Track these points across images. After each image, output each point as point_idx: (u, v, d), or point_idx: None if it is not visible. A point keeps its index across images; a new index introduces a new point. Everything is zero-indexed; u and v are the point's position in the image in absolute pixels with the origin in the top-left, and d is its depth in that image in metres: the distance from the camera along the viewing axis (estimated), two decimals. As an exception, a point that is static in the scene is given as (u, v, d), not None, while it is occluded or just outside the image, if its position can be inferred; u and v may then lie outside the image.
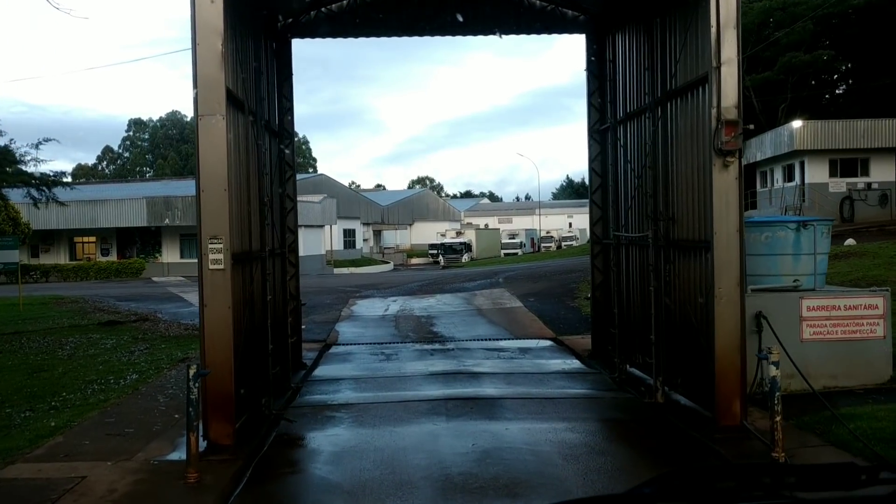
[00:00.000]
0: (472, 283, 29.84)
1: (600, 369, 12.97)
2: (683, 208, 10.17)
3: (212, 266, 8.25)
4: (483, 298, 24.12)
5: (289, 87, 13.79)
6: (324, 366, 14.03)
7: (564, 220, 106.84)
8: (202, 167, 8.26)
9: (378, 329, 18.81)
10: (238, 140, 9.73)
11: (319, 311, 22.54)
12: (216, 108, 8.24)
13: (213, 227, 8.25)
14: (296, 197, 13.89)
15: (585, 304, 21.29)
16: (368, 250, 77.51)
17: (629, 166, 12.08)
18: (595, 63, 14.01)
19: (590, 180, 14.26)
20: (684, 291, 10.08)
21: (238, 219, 9.57)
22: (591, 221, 14.24)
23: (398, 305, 23.43)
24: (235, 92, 9.46)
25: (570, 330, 17.72)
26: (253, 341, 9.96)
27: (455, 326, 18.71)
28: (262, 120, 10.64)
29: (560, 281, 27.11)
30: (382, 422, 9.49)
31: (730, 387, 8.63)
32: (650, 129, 10.79)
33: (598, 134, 14.10)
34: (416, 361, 13.99)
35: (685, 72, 9.91)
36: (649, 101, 10.82)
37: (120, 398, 11.79)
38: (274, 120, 12.71)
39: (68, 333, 19.49)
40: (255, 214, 10.33)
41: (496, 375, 12.32)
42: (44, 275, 48.04)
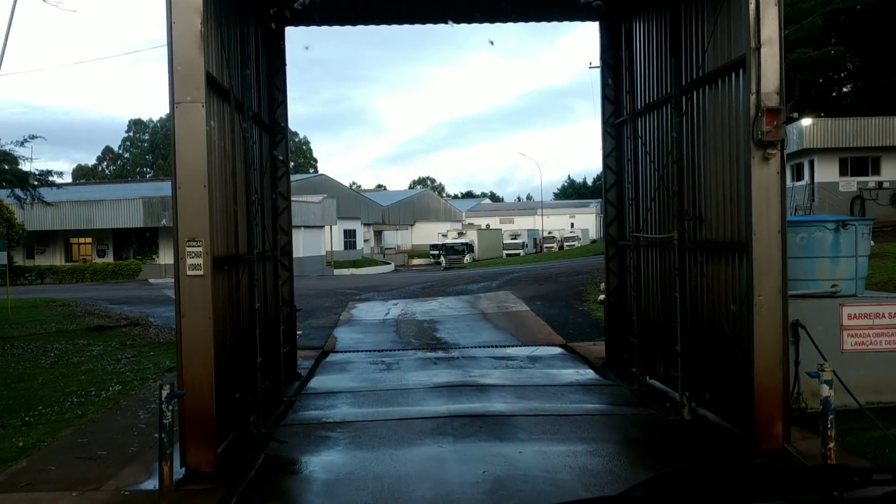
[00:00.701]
0: (476, 285, 28.93)
1: (617, 381, 12.06)
2: (713, 207, 9.27)
3: (190, 272, 7.34)
4: (487, 302, 23.21)
5: (282, 79, 12.88)
6: (320, 376, 13.13)
7: (566, 220, 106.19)
8: (179, 161, 7.35)
9: (378, 335, 17.91)
10: (222, 131, 8.82)
11: (317, 315, 21.64)
12: (194, 93, 7.33)
13: (191, 228, 7.35)
14: (290, 196, 12.97)
15: (595, 308, 20.39)
16: (369, 251, 76.62)
17: (649, 162, 11.17)
18: (609, 52, 13.10)
19: (604, 177, 13.34)
20: (714, 298, 9.17)
21: (222, 219, 8.67)
22: (606, 221, 13.33)
23: (399, 309, 22.53)
24: (218, 78, 8.55)
25: (581, 336, 16.80)
26: (239, 354, 9.05)
27: (459, 332, 17.80)
28: (250, 111, 9.73)
29: (566, 283, 26.21)
30: (382, 443, 8.57)
31: (770, 406, 7.71)
32: (674, 121, 9.88)
33: (612, 128, 13.18)
34: (418, 371, 13.08)
35: (715, 57, 9.00)
36: (673, 90, 9.91)
37: (98, 413, 10.90)
38: (265, 112, 11.80)
39: (55, 339, 18.65)
40: (242, 214, 9.43)
41: (505, 388, 11.40)
42: (39, 276, 47.19)
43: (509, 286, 27.13)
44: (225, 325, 8.42)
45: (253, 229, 9.42)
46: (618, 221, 13.24)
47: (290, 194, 13.02)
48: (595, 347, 15.17)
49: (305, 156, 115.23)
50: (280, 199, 12.83)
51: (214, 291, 7.83)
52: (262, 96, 11.58)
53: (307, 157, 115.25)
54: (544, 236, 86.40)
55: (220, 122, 8.79)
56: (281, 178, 12.87)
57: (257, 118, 11.13)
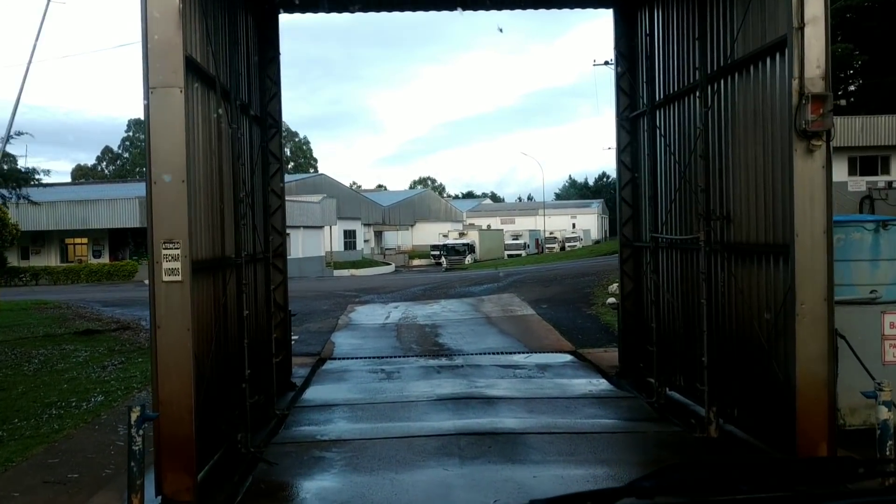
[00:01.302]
0: (479, 287, 28.12)
1: (634, 392, 11.26)
2: (743, 205, 8.47)
3: (166, 277, 6.55)
4: (491, 305, 22.41)
5: (275, 70, 12.08)
6: (316, 386, 12.33)
7: (568, 220, 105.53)
8: (153, 152, 6.56)
9: (378, 340, 17.11)
10: (207, 122, 8.03)
11: (315, 319, 20.84)
12: (171, 76, 6.54)
13: (167, 229, 6.56)
14: (283, 194, 12.18)
15: (604, 312, 19.59)
16: (369, 251, 75.79)
17: (671, 157, 10.37)
18: (624, 41, 12.30)
19: (618, 174, 12.54)
20: (745, 305, 8.38)
21: (206, 218, 7.88)
22: (621, 221, 12.53)
23: (400, 312, 21.72)
24: (202, 63, 7.76)
25: (591, 342, 16.00)
26: (226, 366, 8.26)
27: (462, 337, 16.99)
28: (238, 100, 8.92)
29: (572, 285, 25.40)
30: (382, 465, 7.77)
31: (815, 428, 6.92)
32: (700, 112, 9.08)
33: (627, 122, 12.38)
34: (420, 381, 12.28)
35: (746, 41, 8.20)
36: (699, 79, 9.11)
37: (76, 428, 10.13)
38: (256, 104, 11.00)
39: (40, 344, 17.89)
40: (229, 213, 8.63)
41: (514, 401, 10.60)
42: (33, 277, 46.41)
43: (513, 288, 26.33)
44: (208, 336, 7.63)
45: (241, 229, 8.62)
46: (633, 221, 12.44)
47: (283, 192, 12.23)
48: (607, 354, 14.38)
49: (306, 155, 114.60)
50: (273, 198, 12.04)
51: (195, 299, 7.05)
52: (252, 87, 10.79)
53: (307, 156, 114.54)
54: (546, 237, 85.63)
55: (203, 112, 8.00)
56: (274, 175, 12.07)
57: (247, 110, 10.34)
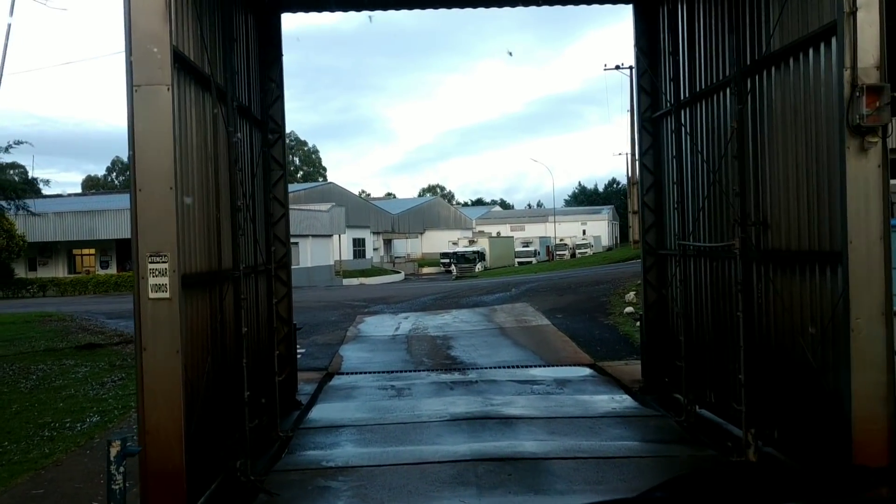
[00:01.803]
0: (490, 296, 27.44)
1: (660, 410, 10.56)
2: (783, 209, 7.78)
3: (153, 294, 5.93)
4: (504, 314, 21.72)
5: (278, 71, 11.49)
6: (322, 404, 11.68)
7: (578, 227, 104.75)
8: (138, 157, 5.95)
9: (388, 353, 16.46)
10: (201, 124, 7.43)
11: (323, 331, 20.23)
12: (157, 74, 5.94)
13: (153, 240, 5.94)
14: (287, 202, 11.57)
15: (622, 322, 18.88)
16: (379, 260, 75.25)
17: (700, 158, 9.70)
18: (645, 38, 11.65)
19: (640, 179, 11.87)
20: (786, 318, 7.68)
21: (200, 228, 7.26)
22: (643, 228, 11.84)
23: (410, 323, 21.07)
24: (195, 62, 7.16)
25: (610, 354, 15.29)
26: (223, 388, 7.63)
27: (476, 349, 16.32)
28: (236, 102, 8.32)
29: (587, 294, 24.69)
30: (392, 497, 7.11)
31: (873, 452, 6.20)
32: (733, 109, 8.40)
33: (649, 123, 11.71)
34: (432, 398, 11.62)
35: (786, 30, 7.54)
36: (732, 73, 8.43)
37: (67, 453, 9.53)
38: (257, 107, 10.41)
39: (41, 359, 17.37)
40: (226, 222, 8.02)
41: (534, 421, 9.91)
42: (41, 289, 46.07)
43: (526, 297, 25.63)
44: (202, 356, 7.00)
45: (239, 240, 8.00)
46: (657, 228, 11.75)
47: (287, 200, 11.62)
48: (628, 368, 13.67)
49: (314, 164, 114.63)
50: (276, 206, 11.43)
51: (187, 316, 6.43)
52: (253, 89, 10.20)
53: (316, 165, 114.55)
54: (556, 244, 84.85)
55: (198, 114, 7.40)
56: (277, 183, 11.47)
57: (247, 113, 9.74)
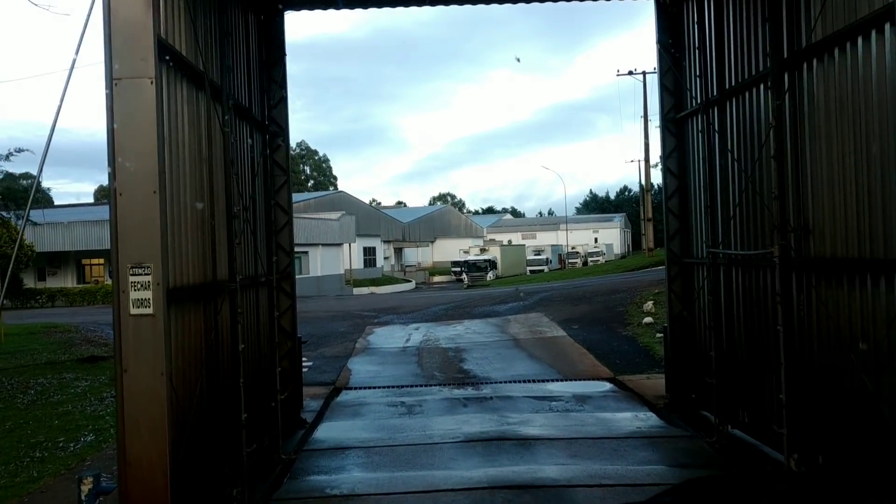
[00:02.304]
0: (503, 305, 26.77)
1: (688, 429, 9.86)
2: (827, 213, 7.12)
3: (134, 309, 5.33)
4: (518, 325, 21.04)
5: (281, 72, 10.94)
6: (329, 423, 11.05)
7: (590, 234, 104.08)
8: (118, 158, 5.36)
9: (398, 366, 15.82)
10: (194, 125, 6.86)
11: (331, 342, 19.63)
12: (139, 65, 5.36)
13: (134, 250, 5.35)
14: (291, 209, 10.99)
15: (641, 333, 18.17)
16: (389, 268, 74.72)
17: (731, 159, 9.04)
18: (668, 34, 11.01)
19: (664, 183, 11.21)
20: (832, 332, 7.00)
21: (192, 236, 6.68)
22: (668, 235, 11.18)
23: (421, 335, 20.43)
24: (185, 54, 6.60)
25: (630, 367, 14.59)
26: (217, 411, 7.02)
27: (489, 362, 15.66)
28: (232, 100, 7.73)
29: (603, 303, 23.96)
30: (401, 531, 6.47)
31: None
32: (771, 105, 7.74)
33: (673, 123, 11.06)
34: (444, 416, 10.97)
35: (830, 18, 6.89)
36: (769, 66, 7.78)
37: (55, 476, 8.97)
38: (258, 108, 9.84)
39: (41, 372, 16.86)
40: (221, 230, 7.43)
41: (554, 442, 9.24)
42: (49, 299, 45.76)
43: (540, 307, 24.93)
44: (193, 378, 6.40)
45: (235, 249, 7.41)
46: (681, 235, 11.09)
47: (291, 208, 11.04)
48: (650, 382, 12.98)
49: (325, 173, 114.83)
50: (279, 213, 10.86)
51: (175, 334, 5.84)
52: (254, 90, 9.64)
53: (327, 174, 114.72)
54: (568, 251, 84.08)
55: (190, 113, 6.83)
56: (280, 189, 10.90)
57: (247, 114, 9.18)
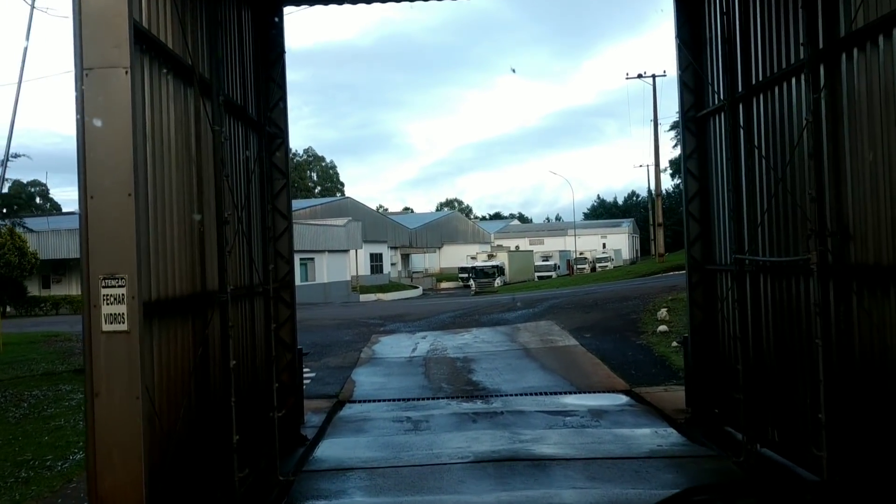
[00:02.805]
0: (512, 313, 26.16)
1: (712, 447, 9.24)
2: (870, 216, 6.52)
3: (106, 326, 4.79)
4: (528, 334, 20.42)
5: (280, 71, 10.41)
6: (330, 440, 10.48)
7: (598, 240, 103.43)
8: (89, 157, 4.82)
9: (404, 377, 15.24)
10: (181, 122, 6.32)
11: (335, 352, 19.05)
12: (113, 54, 4.82)
13: (107, 260, 4.80)
14: (290, 214, 10.45)
15: (656, 342, 17.54)
16: (396, 275, 74.20)
17: (759, 159, 8.44)
18: (688, 27, 10.44)
19: (684, 185, 10.62)
20: (877, 345, 6.40)
21: (178, 244, 6.13)
22: (688, 241, 10.58)
23: (428, 343, 19.84)
24: (170, 46, 6.06)
25: (647, 378, 13.97)
26: (206, 432, 6.46)
27: (499, 373, 15.06)
28: (223, 96, 7.18)
29: (615, 311, 23.33)
30: (406, 567, 5.88)
31: None
32: (807, 99, 7.15)
33: (694, 123, 10.48)
34: (453, 433, 10.38)
35: (875, 4, 6.31)
36: (805, 57, 7.19)
37: (39, 499, 8.41)
38: (253, 108, 9.30)
39: (36, 384, 16.35)
40: (211, 237, 6.89)
41: (570, 463, 8.63)
42: (54, 307, 45.40)
43: (551, 315, 24.31)
44: (177, 398, 5.84)
45: (226, 258, 6.86)
46: (703, 240, 10.49)
47: (291, 212, 10.50)
48: (668, 395, 12.36)
49: (332, 180, 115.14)
50: (279, 219, 10.32)
51: (158, 351, 5.28)
52: (249, 87, 9.11)
53: (334, 181, 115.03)
54: (576, 257, 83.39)
55: (177, 110, 6.29)
56: (279, 193, 10.36)
57: (243, 113, 8.64)
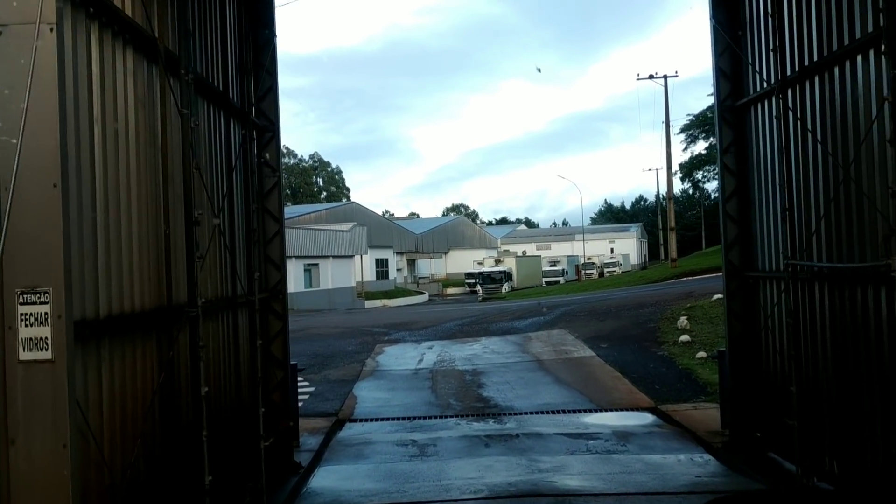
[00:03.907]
0: (523, 321, 25.05)
1: (758, 478, 8.14)
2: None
3: (25, 354, 3.73)
4: (541, 344, 19.32)
5: (270, 56, 9.38)
6: (327, 467, 9.41)
7: (605, 245, 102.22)
8: (1, 138, 3.79)
9: (409, 392, 14.18)
10: (142, 102, 5.29)
11: (337, 364, 17.99)
12: (31, 7, 3.78)
13: (26, 269, 3.75)
14: (282, 216, 9.41)
15: (679, 353, 16.41)
16: (402, 280, 73.13)
17: (815, 148, 7.36)
18: (723, 5, 9.38)
19: (721, 183, 9.53)
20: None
21: (138, 247, 5.10)
22: (725, 244, 9.49)
23: (435, 354, 18.77)
24: (125, 11, 5.03)
25: (673, 394, 12.86)
26: (169, 475, 5.40)
27: (511, 388, 13.97)
28: (193, 74, 6.11)
29: (632, 319, 22.20)
30: None
31: None
32: (888, 76, 6.06)
33: (731, 113, 9.40)
34: (464, 459, 9.30)
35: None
36: (885, 26, 6.10)
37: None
38: (237, 94, 8.26)
39: None
40: (179, 240, 5.85)
41: (600, 500, 7.53)
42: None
43: (563, 322, 23.20)
44: (129, 440, 4.79)
45: (196, 264, 5.80)
46: (741, 244, 9.40)
47: (283, 214, 9.46)
48: (699, 414, 11.26)
49: (338, 185, 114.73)
50: (269, 221, 9.28)
51: (99, 382, 4.24)
52: (232, 72, 8.07)
53: (340, 186, 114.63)
54: (584, 262, 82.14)
55: (139, 89, 5.26)
56: (270, 192, 9.32)
57: (223, 100, 7.60)
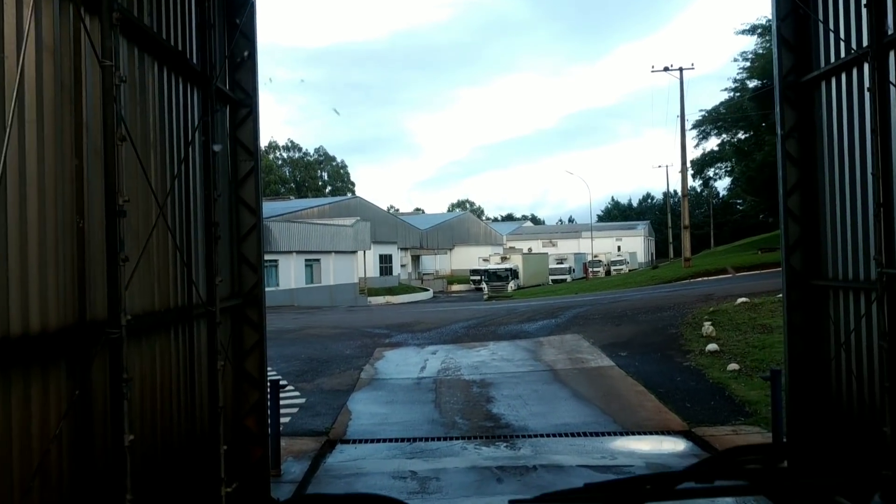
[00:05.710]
0: (533, 324, 23.57)
1: (833, 534, 6.66)
2: None
3: None
4: (554, 350, 17.83)
5: (249, 20, 7.90)
6: (309, 504, 7.96)
7: (612, 243, 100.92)
8: None
9: (410, 407, 12.72)
10: (47, 47, 3.83)
11: (332, 370, 16.56)
12: None
13: None
14: (260, 207, 7.93)
15: (707, 364, 14.89)
16: (406, 276, 71.71)
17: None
18: (788, -37, 7.87)
19: (782, 174, 8.00)
20: None
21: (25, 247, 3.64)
22: (786, 246, 7.98)
23: (439, 361, 17.31)
24: None
25: (706, 413, 11.38)
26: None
27: (525, 404, 12.50)
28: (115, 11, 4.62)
29: (650, 323, 20.69)
30: None
31: None
32: None
33: (794, 91, 7.88)
34: (471, 498, 7.84)
35: None
36: None
37: None
38: (193, 53, 6.73)
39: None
40: (97, 236, 4.38)
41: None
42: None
43: (576, 326, 21.71)
44: None
45: (119, 269, 4.33)
46: (804, 247, 7.89)
47: (260, 205, 7.98)
48: (740, 440, 9.76)
49: (343, 179, 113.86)
50: (244, 213, 7.82)
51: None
52: (190, 27, 6.57)
53: (345, 180, 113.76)
54: (590, 260, 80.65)
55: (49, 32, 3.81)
56: (246, 180, 7.85)
57: (177, 59, 6.11)
